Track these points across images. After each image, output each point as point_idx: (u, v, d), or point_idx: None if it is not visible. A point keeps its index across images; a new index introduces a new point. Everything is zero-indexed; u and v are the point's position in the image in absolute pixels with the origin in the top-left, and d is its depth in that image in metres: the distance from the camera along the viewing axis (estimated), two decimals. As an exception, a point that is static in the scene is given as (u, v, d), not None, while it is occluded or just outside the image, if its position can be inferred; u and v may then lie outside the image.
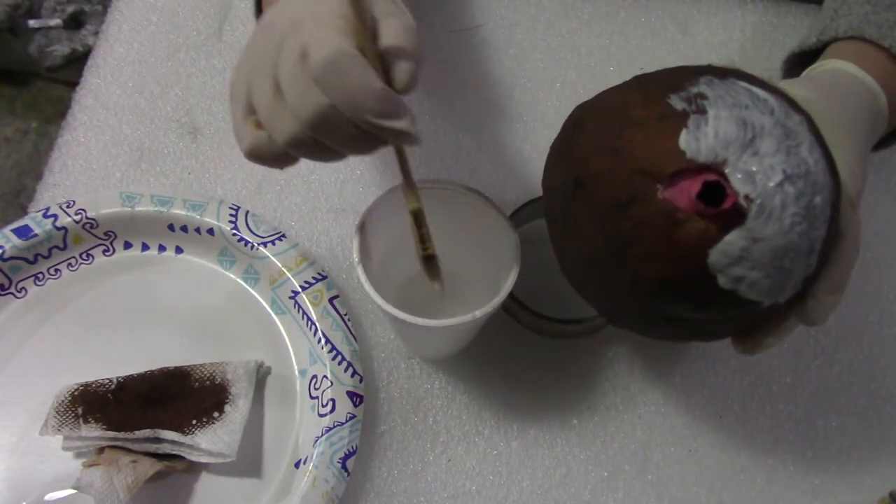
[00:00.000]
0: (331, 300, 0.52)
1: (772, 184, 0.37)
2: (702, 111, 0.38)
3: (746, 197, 0.37)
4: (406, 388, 0.53)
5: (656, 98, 0.40)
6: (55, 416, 0.48)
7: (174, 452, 0.48)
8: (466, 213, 0.49)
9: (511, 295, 0.47)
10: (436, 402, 0.53)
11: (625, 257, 0.39)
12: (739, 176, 0.37)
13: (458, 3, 0.66)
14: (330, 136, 0.37)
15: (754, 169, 0.37)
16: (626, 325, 0.46)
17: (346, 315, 0.52)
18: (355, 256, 0.45)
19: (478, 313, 0.44)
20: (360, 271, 0.45)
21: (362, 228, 0.46)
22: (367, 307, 0.55)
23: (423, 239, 0.43)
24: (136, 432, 0.47)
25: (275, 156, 0.40)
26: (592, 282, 0.43)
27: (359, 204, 0.58)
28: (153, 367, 0.50)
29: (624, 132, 0.40)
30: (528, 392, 0.53)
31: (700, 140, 0.37)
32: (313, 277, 0.53)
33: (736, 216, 0.37)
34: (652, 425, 0.53)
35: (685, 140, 0.37)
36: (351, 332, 0.52)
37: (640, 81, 0.42)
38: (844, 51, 0.51)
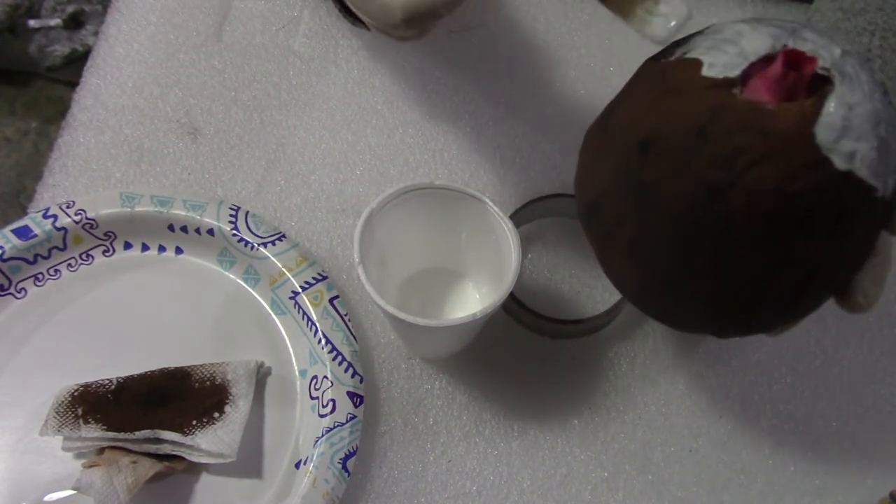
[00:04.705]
0: (331, 300, 0.52)
1: (837, 55, 0.37)
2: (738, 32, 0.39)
3: (822, 68, 0.36)
4: (406, 389, 0.53)
5: (679, 51, 0.40)
6: (55, 417, 0.48)
7: (174, 453, 0.48)
8: (466, 213, 0.49)
9: (511, 295, 0.47)
10: (436, 402, 0.53)
11: (728, 182, 0.36)
12: (807, 54, 0.37)
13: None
14: None
15: (814, 47, 0.37)
16: (736, 308, 0.40)
17: (346, 315, 0.52)
18: (355, 256, 0.45)
19: (478, 313, 0.44)
20: (360, 271, 0.45)
21: (363, 228, 0.46)
22: (367, 307, 0.55)
23: None
24: (136, 433, 0.47)
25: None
26: (692, 251, 0.39)
27: (359, 204, 0.58)
28: (153, 368, 0.50)
29: (669, 73, 0.39)
30: (528, 392, 0.53)
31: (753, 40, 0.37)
32: (313, 278, 0.53)
33: (825, 84, 0.36)
34: (652, 425, 0.53)
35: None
36: (351, 333, 0.52)
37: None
38: None
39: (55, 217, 0.53)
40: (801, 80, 0.36)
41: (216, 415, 0.49)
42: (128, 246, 0.55)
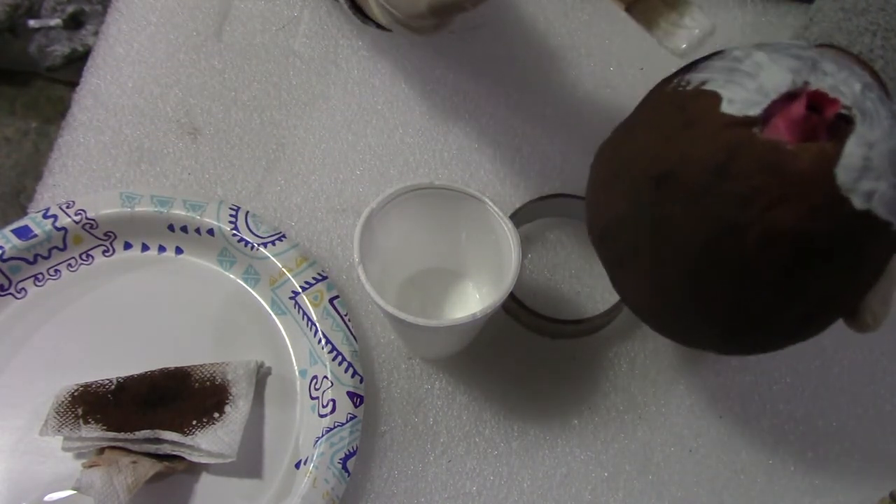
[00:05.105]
0: (331, 300, 0.52)
1: (857, 90, 0.37)
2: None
3: (843, 107, 0.36)
4: (406, 389, 0.53)
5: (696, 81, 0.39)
6: (55, 417, 0.48)
7: (174, 453, 0.48)
8: (466, 214, 0.49)
9: (511, 295, 0.47)
10: (436, 402, 0.53)
11: (746, 222, 0.36)
12: (826, 91, 0.36)
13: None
14: None
15: (834, 82, 0.37)
16: (750, 335, 0.41)
17: (346, 315, 0.52)
18: (355, 256, 0.45)
19: (478, 313, 0.44)
20: (360, 271, 0.45)
21: (363, 228, 0.46)
22: (367, 307, 0.55)
23: None
24: (137, 433, 0.47)
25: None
26: (708, 286, 0.39)
27: (359, 204, 0.58)
28: (153, 368, 0.50)
29: (687, 105, 0.38)
30: (528, 392, 0.53)
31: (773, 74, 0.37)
32: (313, 278, 0.53)
33: (846, 124, 0.36)
34: (652, 425, 0.53)
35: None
36: (351, 333, 0.52)
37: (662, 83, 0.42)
38: None
39: (55, 217, 0.53)
40: (822, 121, 0.36)
41: (216, 415, 0.49)
42: (128, 246, 0.55)
